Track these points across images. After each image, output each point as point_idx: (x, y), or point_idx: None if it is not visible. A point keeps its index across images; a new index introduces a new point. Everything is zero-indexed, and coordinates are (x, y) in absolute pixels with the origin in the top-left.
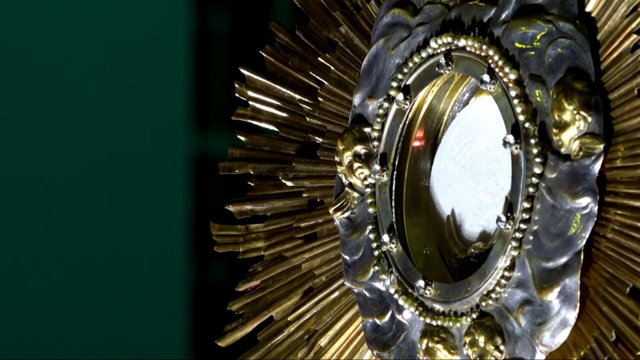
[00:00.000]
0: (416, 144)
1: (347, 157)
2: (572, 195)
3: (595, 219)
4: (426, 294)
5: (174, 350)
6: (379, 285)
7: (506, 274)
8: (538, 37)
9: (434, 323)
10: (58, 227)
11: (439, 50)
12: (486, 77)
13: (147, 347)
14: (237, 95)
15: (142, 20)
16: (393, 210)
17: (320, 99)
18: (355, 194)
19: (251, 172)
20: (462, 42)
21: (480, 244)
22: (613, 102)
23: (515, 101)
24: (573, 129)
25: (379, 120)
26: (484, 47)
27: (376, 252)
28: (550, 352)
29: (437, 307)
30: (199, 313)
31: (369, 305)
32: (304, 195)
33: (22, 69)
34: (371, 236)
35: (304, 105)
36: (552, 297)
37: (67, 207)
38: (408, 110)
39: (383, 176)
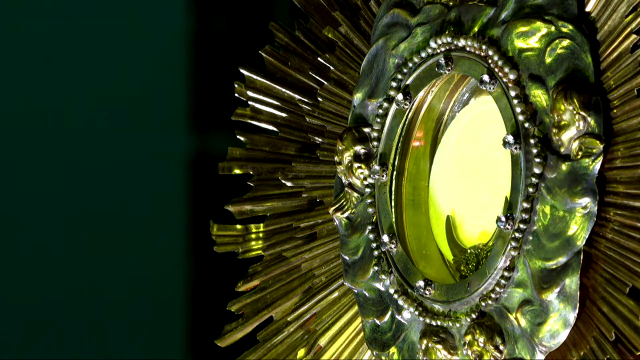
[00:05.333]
0: (416, 144)
1: (347, 157)
2: (572, 195)
3: (595, 219)
4: (426, 294)
5: (173, 351)
6: (378, 285)
7: (506, 274)
8: (538, 37)
9: (433, 323)
10: (56, 226)
11: (438, 50)
12: (486, 77)
13: (146, 348)
14: (237, 95)
15: (142, 20)
16: (393, 210)
17: (320, 99)
18: (355, 194)
19: (251, 172)
20: (461, 42)
21: (480, 244)
22: (613, 102)
23: (515, 101)
24: (573, 129)
25: (378, 120)
26: (484, 47)
27: (376, 252)
28: (550, 352)
29: (437, 307)
30: (198, 313)
31: (369, 305)
32: (304, 195)
33: (21, 68)
34: (371, 236)
35: (303, 105)
36: (552, 297)
37: (65, 207)
38: (408, 110)
39: (383, 176)
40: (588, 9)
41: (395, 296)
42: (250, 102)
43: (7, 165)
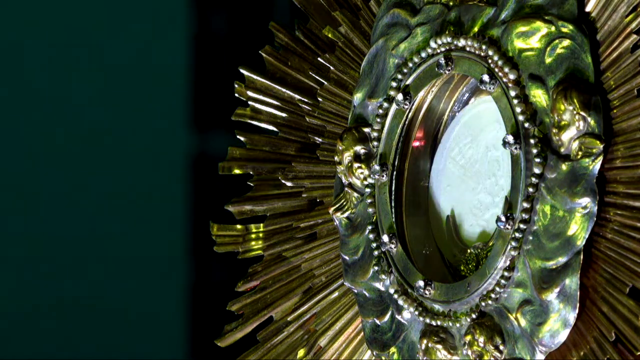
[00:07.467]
0: (416, 144)
1: (347, 157)
2: (572, 195)
3: (595, 219)
4: (426, 294)
5: (173, 351)
6: (378, 285)
7: (506, 274)
8: (538, 37)
9: (433, 323)
10: (55, 226)
11: (438, 50)
12: (486, 77)
13: (146, 348)
14: (237, 95)
15: (142, 20)
16: (393, 210)
17: (320, 99)
18: (355, 194)
19: (251, 172)
20: (461, 42)
21: (480, 244)
22: (613, 102)
23: (515, 101)
24: (573, 129)
25: (378, 120)
26: (484, 47)
27: (376, 252)
28: (550, 352)
29: (437, 307)
30: (199, 313)
31: (369, 305)
32: (304, 195)
33: (22, 68)
34: (371, 236)
35: (303, 105)
36: (552, 297)
37: (65, 206)
38: (408, 110)
39: (383, 176)
40: (588, 9)
41: (395, 296)
42: (250, 102)
43: (7, 165)
